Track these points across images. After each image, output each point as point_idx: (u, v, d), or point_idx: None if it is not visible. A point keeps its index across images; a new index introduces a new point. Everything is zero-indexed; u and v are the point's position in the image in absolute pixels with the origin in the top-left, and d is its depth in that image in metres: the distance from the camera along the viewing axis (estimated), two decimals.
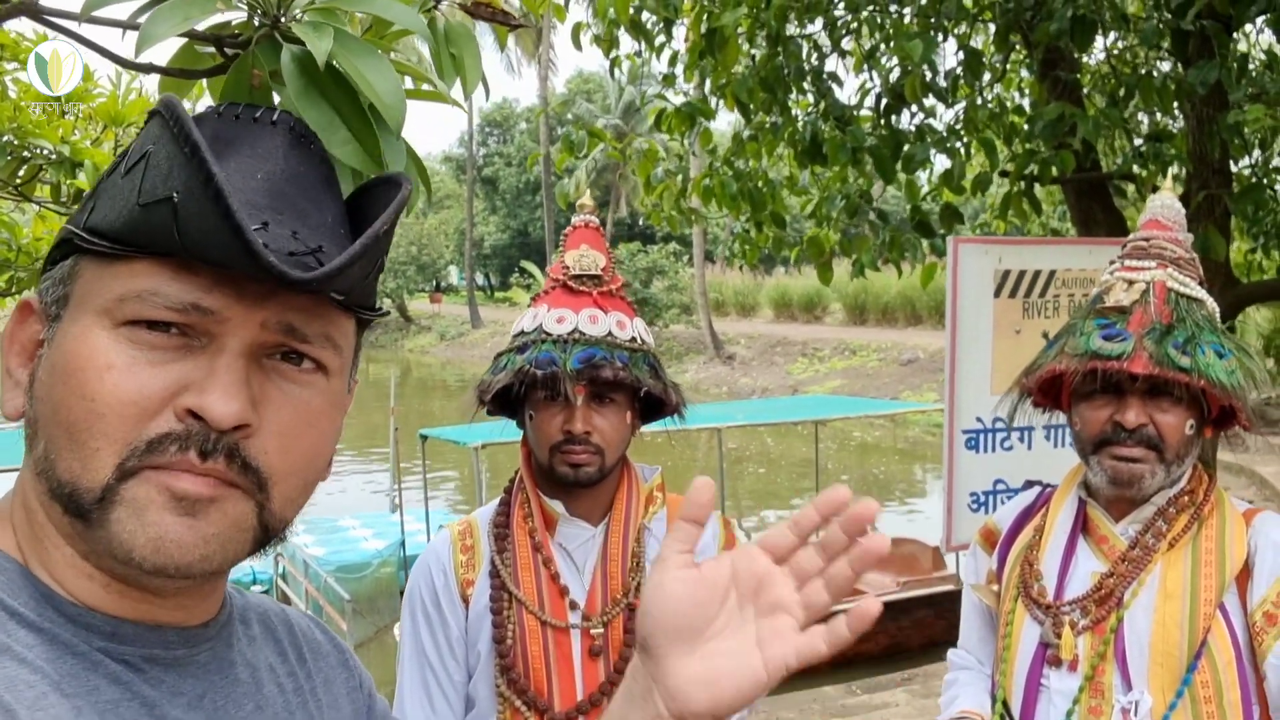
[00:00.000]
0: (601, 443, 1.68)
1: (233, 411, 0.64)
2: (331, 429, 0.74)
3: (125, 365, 0.64)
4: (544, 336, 1.71)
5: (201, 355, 0.65)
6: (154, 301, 0.64)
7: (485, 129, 49.16)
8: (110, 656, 0.66)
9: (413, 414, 20.87)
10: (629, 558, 1.73)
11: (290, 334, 0.68)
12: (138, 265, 0.65)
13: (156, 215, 0.63)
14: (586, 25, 4.34)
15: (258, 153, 0.69)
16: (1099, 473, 1.70)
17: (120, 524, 0.64)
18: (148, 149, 0.66)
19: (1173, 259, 1.74)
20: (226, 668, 0.74)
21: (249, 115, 0.71)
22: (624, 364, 1.68)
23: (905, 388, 21.24)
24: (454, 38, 1.11)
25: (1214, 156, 3.69)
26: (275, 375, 0.68)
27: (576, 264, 1.78)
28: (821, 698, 6.88)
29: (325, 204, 0.71)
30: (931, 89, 3.77)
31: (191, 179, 0.61)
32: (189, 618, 0.72)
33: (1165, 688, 1.60)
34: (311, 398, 0.70)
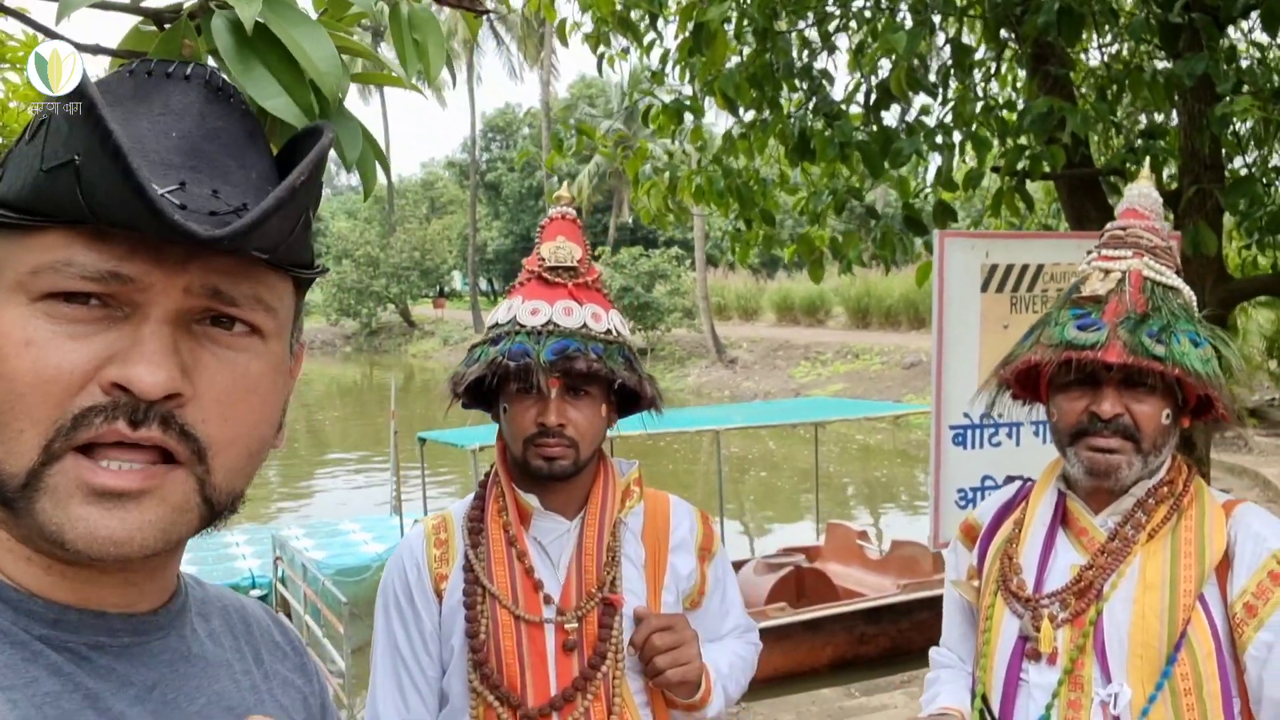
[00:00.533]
0: (576, 435, 1.67)
1: (160, 380, 0.61)
2: (274, 393, 0.71)
3: (44, 341, 0.61)
4: (518, 328, 1.70)
5: (125, 325, 0.62)
6: (69, 272, 0.62)
7: (488, 134, 49.28)
8: (52, 646, 0.64)
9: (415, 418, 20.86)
10: (604, 552, 1.71)
11: (217, 297, 0.65)
12: (50, 236, 0.62)
13: (60, 180, 0.60)
14: (577, 24, 4.34)
15: (172, 109, 0.66)
16: (1076, 464, 1.68)
17: (45, 514, 0.61)
18: (49, 111, 0.63)
19: (1149, 248, 1.73)
20: (179, 659, 0.71)
21: (161, 70, 0.68)
22: (598, 356, 1.67)
23: (908, 391, 21.21)
24: (417, 23, 1.10)
25: (1205, 151, 3.67)
26: (207, 341, 0.66)
27: (552, 255, 1.76)
28: (820, 700, 6.85)
29: (249, 160, 0.68)
30: (920, 84, 3.76)
31: (90, 139, 0.58)
32: (138, 600, 0.69)
33: (1145, 680, 1.59)
34: (249, 362, 0.67)
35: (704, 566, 1.83)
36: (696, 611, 1.82)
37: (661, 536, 1.79)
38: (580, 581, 1.69)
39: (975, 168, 3.96)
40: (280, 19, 0.81)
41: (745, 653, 1.87)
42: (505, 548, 1.71)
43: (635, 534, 1.78)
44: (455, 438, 8.31)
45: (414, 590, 1.74)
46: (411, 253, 39.66)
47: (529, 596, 1.68)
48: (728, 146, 4.33)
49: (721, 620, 1.87)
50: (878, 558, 9.02)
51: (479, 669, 1.66)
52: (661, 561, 1.77)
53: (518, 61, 41.02)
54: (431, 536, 1.78)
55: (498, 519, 1.73)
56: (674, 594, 1.78)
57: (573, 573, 1.70)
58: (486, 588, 1.68)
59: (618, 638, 1.67)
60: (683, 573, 1.80)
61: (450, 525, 1.78)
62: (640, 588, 1.74)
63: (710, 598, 1.85)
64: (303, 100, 0.77)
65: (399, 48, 1.09)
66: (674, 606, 1.77)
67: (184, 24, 0.84)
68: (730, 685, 1.78)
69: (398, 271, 39.39)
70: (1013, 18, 3.71)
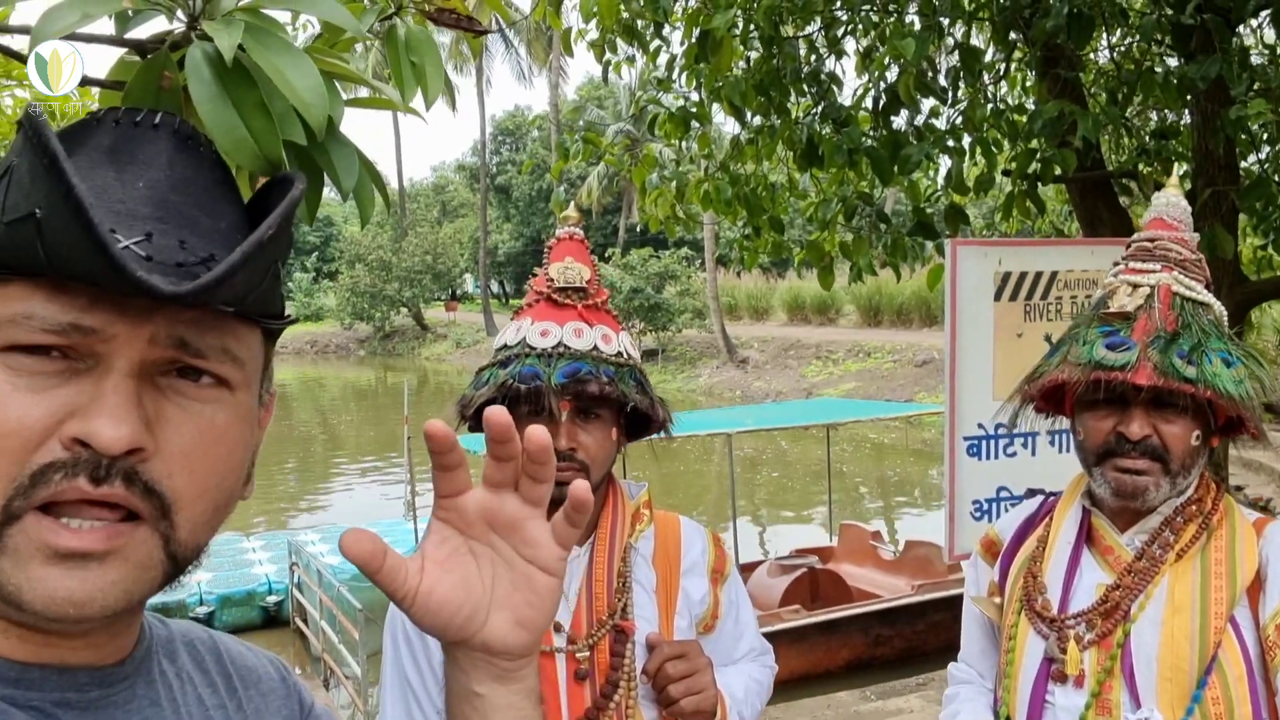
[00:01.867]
0: (586, 459, 1.64)
1: (122, 435, 0.60)
2: (241, 445, 0.69)
3: (3, 395, 0.59)
4: (528, 350, 1.66)
5: (87, 378, 0.61)
6: (29, 325, 0.60)
7: (498, 137, 49.35)
8: (16, 705, 0.62)
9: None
10: (614, 578, 1.68)
11: (183, 349, 0.63)
12: (10, 288, 0.61)
13: (21, 233, 0.59)
14: (583, 32, 4.32)
15: (139, 159, 0.65)
16: (1103, 484, 1.64)
17: (4, 575, 0.59)
18: (11, 162, 0.62)
19: (1178, 261, 1.68)
20: (148, 705, 0.70)
21: (129, 120, 0.66)
22: (610, 379, 1.64)
23: (920, 389, 21.13)
24: (414, 45, 1.08)
25: (1219, 153, 3.63)
26: (172, 393, 0.64)
27: (561, 276, 1.73)
28: (835, 703, 6.82)
29: (218, 210, 0.67)
30: (930, 88, 3.73)
31: (52, 192, 0.57)
32: (102, 656, 0.68)
33: (1175, 704, 1.54)
34: (215, 414, 0.66)
35: (717, 589, 1.80)
36: (710, 635, 1.79)
37: (673, 560, 1.76)
38: (591, 609, 1.66)
39: (986, 171, 3.93)
40: (263, 48, 0.78)
41: (760, 676, 1.84)
42: None
43: (646, 559, 1.75)
44: (468, 443, 8.29)
45: None
46: (423, 256, 39.76)
47: None
48: (735, 153, 4.30)
49: (736, 643, 1.84)
50: (892, 558, 8.98)
51: None
52: (673, 586, 1.74)
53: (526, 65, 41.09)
54: None
55: None
56: (687, 619, 1.75)
57: (583, 600, 1.66)
58: None
59: (630, 666, 1.65)
60: (695, 597, 1.77)
61: None
62: (652, 613, 1.71)
63: (724, 621, 1.82)
64: (268, 148, 0.74)
65: (396, 70, 1.07)
66: (687, 632, 1.74)
67: (164, 55, 0.82)
68: (746, 710, 1.75)
69: (410, 275, 39.51)
70: (1022, 20, 3.68)
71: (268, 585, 9.75)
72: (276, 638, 9.49)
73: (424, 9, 1.12)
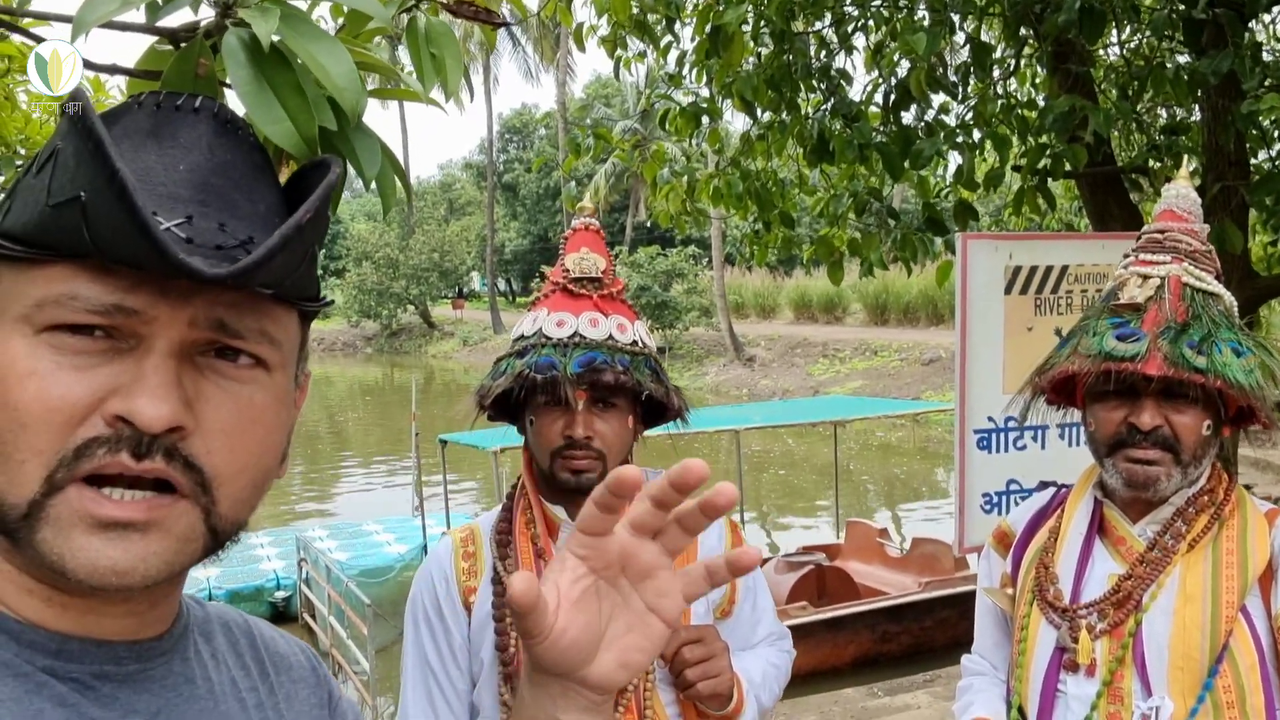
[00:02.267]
0: (603, 447, 1.65)
1: (163, 414, 0.61)
2: (278, 425, 0.70)
3: (48, 372, 0.61)
4: (544, 340, 1.68)
5: (129, 357, 0.62)
6: (74, 305, 0.61)
7: (505, 135, 49.39)
8: (56, 676, 0.63)
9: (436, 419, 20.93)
10: None
11: (222, 330, 0.65)
12: (55, 269, 0.62)
13: (66, 215, 0.60)
14: (594, 28, 4.33)
15: (180, 143, 0.66)
16: (1114, 475, 1.65)
17: (47, 544, 0.61)
18: (56, 146, 0.63)
19: (1188, 252, 1.69)
20: (183, 683, 0.71)
21: (170, 104, 0.68)
22: (625, 368, 1.65)
23: (927, 387, 21.10)
24: (434, 37, 1.09)
25: (1229, 148, 3.62)
26: (211, 373, 0.65)
27: (577, 267, 1.75)
28: (843, 700, 6.82)
29: (257, 193, 0.68)
30: (940, 84, 3.73)
31: (97, 176, 0.58)
32: (141, 629, 0.69)
33: (1186, 693, 1.55)
34: (253, 394, 0.67)
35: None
36: (727, 621, 1.81)
37: (690, 548, 1.78)
38: None
39: (996, 167, 3.93)
40: (298, 35, 0.80)
41: (778, 661, 1.85)
42: (534, 560, 1.69)
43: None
44: (476, 439, 8.32)
45: (443, 603, 1.73)
46: (430, 254, 39.79)
47: None
48: (745, 148, 4.31)
49: (753, 629, 1.86)
50: (898, 555, 8.98)
51: (509, 682, 1.64)
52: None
53: (534, 63, 41.10)
54: (459, 549, 1.77)
55: (525, 531, 1.72)
56: (704, 604, 1.76)
57: None
58: None
59: None
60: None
61: (478, 538, 1.77)
62: None
63: (741, 606, 1.83)
64: (306, 130, 0.76)
65: (416, 62, 1.08)
66: (704, 617, 1.75)
67: (199, 43, 0.83)
68: (763, 695, 1.76)
69: (417, 273, 39.55)
70: (1033, 15, 3.67)
71: (276, 581, 9.78)
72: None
73: (444, 2, 1.14)
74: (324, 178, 0.68)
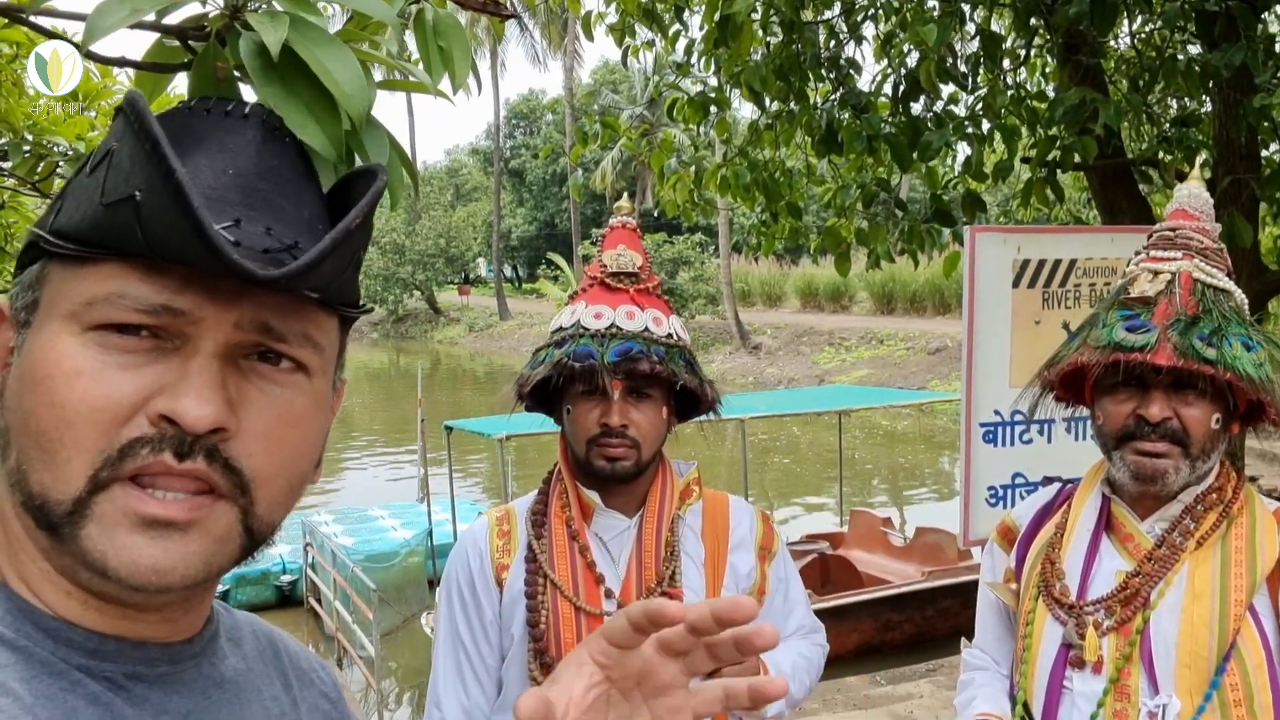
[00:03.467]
0: (638, 436, 1.70)
1: (207, 415, 0.62)
2: (316, 429, 0.71)
3: (94, 371, 0.62)
4: (581, 331, 1.74)
5: (175, 357, 0.63)
6: (122, 304, 0.62)
7: (512, 121, 49.27)
8: (91, 675, 0.64)
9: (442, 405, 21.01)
10: (663, 548, 1.74)
11: (267, 333, 0.66)
12: (105, 267, 0.63)
13: (120, 215, 0.61)
14: (602, 15, 4.31)
15: (228, 148, 0.67)
16: (1122, 468, 1.64)
17: (91, 541, 0.61)
18: (111, 146, 0.64)
19: (1199, 250, 1.69)
20: (212, 686, 0.72)
21: (220, 110, 0.69)
22: (660, 358, 1.70)
23: (933, 377, 21.07)
24: (441, 30, 1.09)
25: (1241, 141, 3.60)
26: (254, 376, 0.66)
27: (614, 262, 1.80)
28: (845, 688, 6.85)
29: (302, 199, 0.69)
30: (950, 74, 3.71)
31: (153, 176, 0.59)
32: (174, 632, 0.70)
33: (1193, 690, 1.55)
34: (294, 398, 0.68)
35: (764, 566, 1.85)
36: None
37: (721, 535, 1.81)
38: (640, 575, 1.72)
39: (1005, 158, 3.91)
40: (305, 40, 0.80)
41: (810, 653, 1.87)
42: (567, 541, 1.74)
43: (695, 531, 1.80)
44: (482, 426, 8.33)
45: (476, 579, 1.78)
46: (437, 240, 39.79)
47: (590, 589, 1.71)
48: (753, 138, 4.29)
49: (785, 620, 1.88)
50: (902, 545, 9.00)
51: (539, 658, 1.68)
52: (721, 560, 1.80)
53: (541, 48, 40.94)
54: (495, 527, 1.82)
55: (560, 514, 1.77)
56: (734, 592, 1.79)
57: (633, 568, 1.73)
58: (549, 577, 1.71)
59: None
60: (742, 571, 1.81)
61: (513, 518, 1.82)
62: (700, 584, 1.76)
63: (772, 597, 1.86)
64: (331, 130, 0.76)
65: (424, 54, 1.08)
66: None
67: (213, 48, 0.84)
68: (793, 685, 1.78)
69: (423, 258, 39.55)
70: (1044, 7, 3.65)
71: (282, 565, 9.82)
72: (290, 617, 9.57)
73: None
74: (368, 185, 0.69)
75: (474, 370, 32.22)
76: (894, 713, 5.93)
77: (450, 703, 1.75)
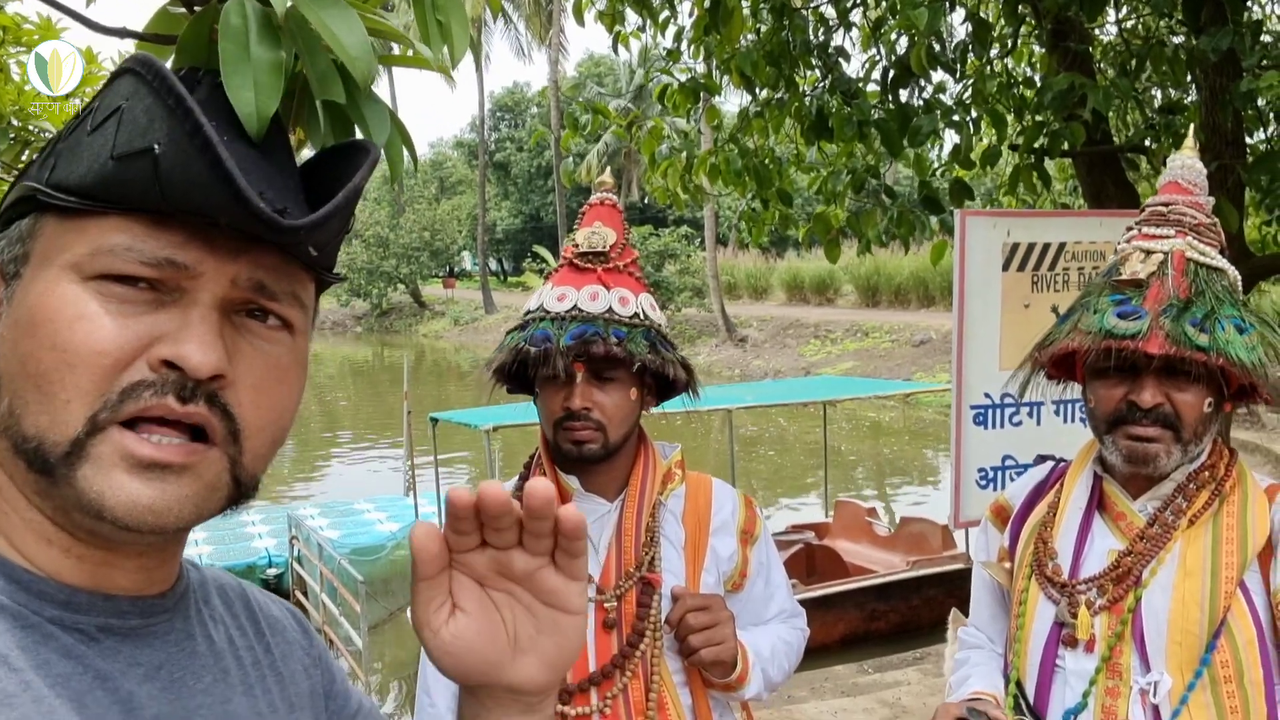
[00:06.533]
0: (603, 419, 1.68)
1: (211, 360, 0.64)
2: (298, 385, 0.74)
3: (96, 315, 0.63)
4: (544, 314, 1.73)
5: (174, 308, 0.65)
6: (127, 256, 0.64)
7: (497, 114, 49.07)
8: (63, 627, 0.65)
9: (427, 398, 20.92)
10: (643, 532, 1.73)
11: (260, 291, 0.68)
12: (109, 220, 0.65)
13: (133, 168, 0.63)
14: (591, 1, 4.30)
15: (225, 118, 0.69)
16: (1114, 451, 1.65)
17: (87, 481, 0.63)
18: (119, 105, 0.65)
19: (1192, 225, 1.67)
20: (184, 639, 0.73)
21: (210, 81, 0.70)
22: (619, 340, 1.68)
23: (918, 369, 21.15)
24: (441, 4, 1.09)
25: (1227, 127, 3.62)
26: (245, 331, 0.69)
27: (586, 241, 1.79)
28: (833, 676, 6.89)
29: (286, 170, 0.71)
30: (939, 61, 3.72)
31: (176, 130, 0.61)
32: (148, 584, 0.71)
33: (1184, 668, 1.56)
34: (280, 354, 0.71)
35: (746, 549, 1.84)
36: (739, 595, 1.83)
37: (703, 519, 1.81)
38: (619, 561, 1.71)
39: (993, 145, 3.92)
40: (312, 3, 0.80)
41: (790, 638, 1.87)
42: None
43: (676, 516, 1.79)
44: (468, 418, 8.31)
45: None
46: (421, 233, 39.59)
47: None
48: (743, 125, 4.29)
49: (766, 604, 1.88)
50: (887, 534, 9.04)
51: None
52: (702, 543, 1.79)
53: (525, 40, 40.78)
54: None
55: None
56: (714, 576, 1.79)
57: (612, 553, 1.72)
58: None
59: (656, 617, 1.69)
60: (723, 555, 1.80)
61: None
62: (680, 568, 1.75)
63: (753, 581, 1.85)
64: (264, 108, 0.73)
65: (423, 29, 1.07)
66: (715, 588, 1.78)
67: (214, 9, 0.83)
68: (771, 669, 1.78)
69: (407, 252, 39.35)
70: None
71: (267, 558, 9.78)
72: None
73: None
74: (341, 160, 0.73)
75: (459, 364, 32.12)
76: (882, 700, 5.96)
77: (440, 689, 1.74)
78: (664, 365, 1.73)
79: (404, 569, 9.32)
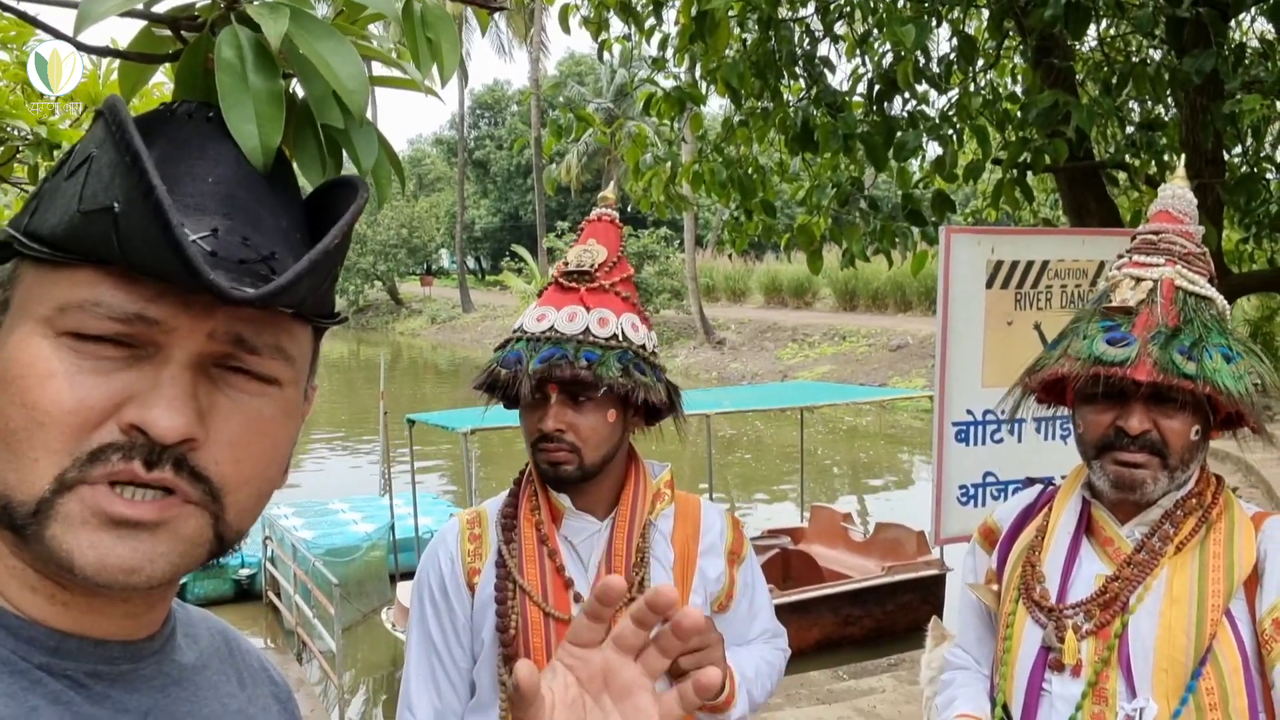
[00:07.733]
0: (577, 440, 1.67)
1: (177, 426, 0.62)
2: (285, 437, 0.72)
3: (67, 374, 0.62)
4: (521, 335, 1.73)
5: (147, 365, 0.63)
6: (96, 312, 0.62)
7: (476, 111, 48.91)
8: (51, 674, 0.64)
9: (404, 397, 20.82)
10: (634, 553, 1.73)
11: (239, 345, 0.66)
12: (80, 273, 0.63)
13: (97, 224, 0.61)
14: (576, 7, 4.28)
15: (208, 155, 0.66)
16: (1102, 477, 1.65)
17: (56, 540, 0.61)
18: (90, 152, 0.64)
19: (1182, 254, 1.68)
20: (171, 684, 0.73)
21: (202, 115, 0.68)
22: (590, 362, 1.66)
23: (894, 373, 21.28)
24: (431, 22, 1.07)
25: (1207, 146, 3.66)
26: (224, 385, 0.66)
27: (575, 260, 1.78)
28: (808, 683, 6.90)
29: (280, 208, 0.69)
30: (925, 75, 3.73)
31: (133, 190, 0.59)
32: (136, 630, 0.70)
33: (1170, 694, 1.56)
34: (263, 407, 0.68)
35: (733, 570, 1.84)
36: (724, 615, 1.83)
37: (691, 539, 1.80)
38: None
39: (977, 159, 3.94)
40: (307, 34, 0.78)
41: (772, 658, 1.87)
42: (537, 545, 1.73)
43: (665, 536, 1.79)
44: (445, 420, 8.26)
45: (447, 582, 1.77)
46: (399, 230, 39.41)
47: (559, 594, 1.69)
48: (727, 135, 4.29)
49: (749, 624, 1.88)
50: (862, 540, 9.08)
51: (508, 663, 1.67)
52: (690, 564, 1.78)
53: (506, 39, 40.67)
54: (466, 531, 1.80)
55: (530, 517, 1.75)
56: (702, 596, 1.78)
57: (602, 572, 1.71)
58: (518, 583, 1.70)
59: None
60: (711, 576, 1.80)
61: (484, 521, 1.81)
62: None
63: (739, 601, 1.85)
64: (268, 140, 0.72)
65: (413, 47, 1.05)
66: (702, 609, 1.77)
67: (206, 38, 0.81)
68: (755, 689, 1.78)
69: (385, 249, 39.18)
70: (1018, 9, 3.68)
71: (240, 558, 9.67)
72: (248, 611, 9.45)
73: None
74: (348, 198, 0.69)
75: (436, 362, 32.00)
76: (857, 707, 5.98)
77: (423, 705, 1.74)
78: (635, 389, 1.68)
79: (378, 570, 9.27)
